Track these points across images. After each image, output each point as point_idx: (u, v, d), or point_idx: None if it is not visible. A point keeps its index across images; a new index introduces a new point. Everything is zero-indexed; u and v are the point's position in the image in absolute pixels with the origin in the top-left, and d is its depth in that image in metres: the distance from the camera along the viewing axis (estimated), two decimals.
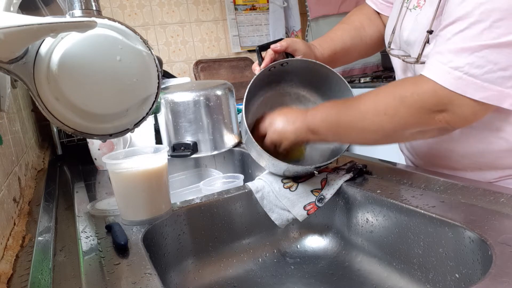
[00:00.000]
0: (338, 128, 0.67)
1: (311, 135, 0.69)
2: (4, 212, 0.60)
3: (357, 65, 2.65)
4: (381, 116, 0.61)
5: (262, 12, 2.57)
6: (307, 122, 0.69)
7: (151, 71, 0.53)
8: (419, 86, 0.58)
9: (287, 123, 0.71)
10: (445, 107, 0.56)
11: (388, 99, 0.61)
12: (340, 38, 0.86)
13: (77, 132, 0.50)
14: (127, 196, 0.64)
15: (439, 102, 0.56)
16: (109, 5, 2.17)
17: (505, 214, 0.51)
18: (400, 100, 0.59)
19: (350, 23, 0.89)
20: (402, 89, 0.60)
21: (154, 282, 0.46)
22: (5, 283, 0.48)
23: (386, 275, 0.62)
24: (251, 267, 0.71)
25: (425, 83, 0.57)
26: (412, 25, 0.68)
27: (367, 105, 0.63)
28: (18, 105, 1.07)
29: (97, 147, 1.09)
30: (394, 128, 0.61)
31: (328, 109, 0.69)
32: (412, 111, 0.58)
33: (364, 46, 0.88)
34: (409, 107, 0.58)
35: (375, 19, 0.88)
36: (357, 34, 0.87)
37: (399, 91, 0.60)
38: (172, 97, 1.07)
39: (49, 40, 0.47)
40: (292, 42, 0.76)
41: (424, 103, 0.57)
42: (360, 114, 0.63)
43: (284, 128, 0.71)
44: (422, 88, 0.57)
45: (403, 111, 0.59)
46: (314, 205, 0.70)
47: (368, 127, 0.63)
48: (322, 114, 0.69)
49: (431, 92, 0.56)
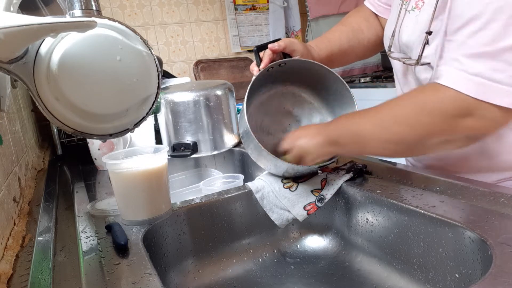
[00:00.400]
0: (360, 139, 0.65)
1: (333, 147, 0.68)
2: (4, 212, 0.60)
3: (357, 65, 2.65)
4: (402, 127, 0.59)
5: (262, 12, 2.57)
6: (328, 135, 0.68)
7: (151, 71, 0.53)
8: (440, 94, 0.56)
9: (309, 139, 0.69)
10: (470, 112, 0.54)
11: (408, 108, 0.60)
12: (338, 39, 0.85)
13: (77, 132, 0.50)
14: (127, 196, 0.64)
15: (463, 108, 0.55)
16: (109, 5, 2.17)
17: (505, 214, 0.51)
18: (421, 109, 0.58)
19: (347, 25, 0.88)
20: (422, 97, 0.59)
21: (154, 282, 0.46)
22: (5, 283, 0.48)
23: (386, 275, 0.62)
24: (251, 267, 0.71)
25: (446, 91, 0.55)
26: (412, 27, 0.67)
27: (387, 115, 0.62)
28: (18, 105, 1.07)
29: (97, 147, 1.09)
30: (417, 138, 0.59)
31: (349, 120, 0.68)
32: (434, 119, 0.57)
33: (362, 48, 0.88)
34: (431, 115, 0.57)
35: (373, 21, 0.88)
36: (355, 36, 0.87)
37: (419, 99, 0.59)
38: (172, 97, 1.07)
39: (49, 40, 0.47)
40: (290, 42, 0.75)
41: (446, 109, 0.56)
42: (381, 125, 0.62)
43: (307, 143, 0.69)
44: (443, 96, 0.56)
45: (424, 120, 0.57)
46: (314, 205, 0.70)
47: (390, 138, 0.62)
48: (343, 126, 0.68)
49: (453, 99, 0.55)
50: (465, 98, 0.54)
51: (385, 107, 0.63)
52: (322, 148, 0.69)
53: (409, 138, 0.60)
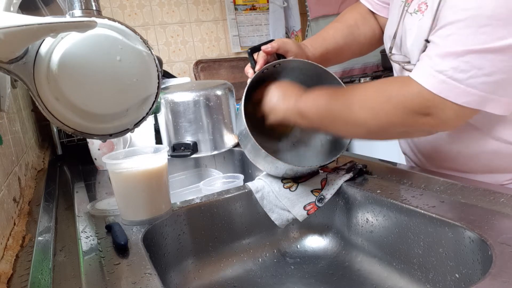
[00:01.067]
0: (326, 116, 0.67)
1: (299, 118, 0.69)
2: (4, 212, 0.59)
3: (357, 65, 2.65)
4: (367, 111, 0.62)
5: (262, 12, 2.57)
6: (298, 104, 0.69)
7: (151, 71, 0.53)
8: (406, 87, 0.58)
9: (281, 99, 0.71)
10: (429, 110, 0.56)
11: (376, 95, 0.62)
12: (332, 37, 0.85)
13: (77, 132, 0.50)
14: (127, 196, 0.64)
15: (424, 104, 0.56)
16: (109, 5, 2.17)
17: (505, 214, 0.51)
18: (387, 98, 0.60)
19: (343, 22, 0.88)
20: (390, 88, 0.61)
21: (154, 282, 0.46)
22: (5, 283, 0.48)
23: (386, 275, 0.62)
24: (251, 267, 0.71)
25: (412, 85, 0.57)
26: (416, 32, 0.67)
27: (355, 98, 0.64)
28: (18, 105, 1.07)
29: (97, 147, 1.09)
30: (378, 125, 0.61)
31: (320, 95, 0.69)
32: (397, 111, 0.59)
33: (358, 45, 0.87)
34: (395, 107, 0.59)
35: (369, 18, 0.87)
36: (350, 33, 0.86)
37: (387, 89, 0.61)
38: (172, 97, 1.07)
39: (49, 40, 0.47)
40: (283, 43, 0.75)
41: (409, 105, 0.58)
42: (347, 106, 0.64)
43: (277, 103, 0.71)
44: (409, 90, 0.58)
45: (388, 109, 0.59)
46: (314, 205, 0.70)
47: (353, 120, 0.63)
48: (314, 99, 0.68)
49: (417, 94, 0.57)
50: (427, 94, 0.56)
51: (355, 91, 0.65)
52: (289, 115, 0.70)
53: (371, 124, 0.62)
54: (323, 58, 0.82)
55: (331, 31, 0.86)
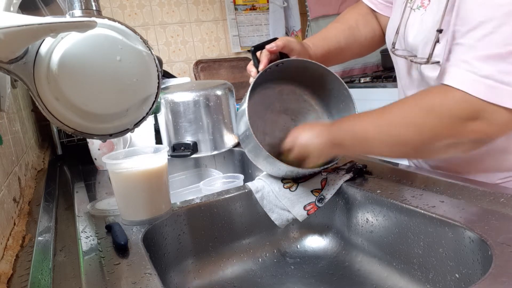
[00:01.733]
0: (364, 141, 0.64)
1: (336, 148, 0.67)
2: (4, 212, 0.59)
3: (357, 65, 2.65)
4: (409, 128, 0.59)
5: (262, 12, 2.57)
6: (331, 135, 0.67)
7: (151, 71, 0.53)
8: (448, 96, 0.56)
9: (312, 138, 0.68)
10: (478, 115, 0.54)
11: (415, 111, 0.59)
12: (334, 37, 0.85)
13: (77, 132, 0.50)
14: (127, 196, 0.64)
15: (472, 111, 0.54)
16: (109, 5, 2.17)
17: (505, 214, 0.51)
18: (428, 111, 0.57)
19: (344, 22, 0.87)
20: (430, 100, 0.58)
21: (154, 282, 0.46)
22: (5, 283, 0.48)
23: (386, 275, 0.62)
24: (251, 267, 0.71)
25: (455, 93, 0.55)
26: (417, 26, 0.66)
27: (393, 118, 0.61)
28: (18, 105, 1.07)
29: (97, 147, 1.09)
30: (423, 141, 0.59)
31: (353, 121, 0.67)
32: (443, 121, 0.56)
33: (358, 46, 0.87)
34: (439, 117, 0.56)
35: (371, 19, 0.87)
36: (351, 34, 0.86)
37: (426, 102, 0.58)
38: (172, 97, 1.07)
39: (49, 40, 0.47)
40: (288, 42, 0.74)
41: (455, 112, 0.55)
42: (386, 127, 0.61)
43: (310, 143, 0.68)
44: (452, 98, 0.55)
45: (432, 122, 0.56)
46: (314, 205, 0.70)
47: (396, 141, 0.61)
48: (348, 127, 0.66)
49: (462, 101, 0.54)
50: (474, 100, 0.53)
51: (391, 109, 0.62)
52: (325, 148, 0.67)
53: (415, 141, 0.59)
54: (324, 58, 0.81)
55: (332, 31, 0.86)
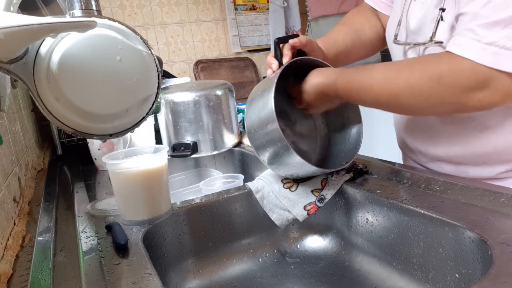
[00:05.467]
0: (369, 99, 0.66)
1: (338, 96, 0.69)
2: (4, 212, 0.59)
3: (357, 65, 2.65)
4: (416, 97, 0.60)
5: (262, 12, 2.57)
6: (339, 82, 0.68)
7: (151, 71, 0.53)
8: (456, 64, 0.56)
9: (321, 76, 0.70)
10: (486, 83, 0.54)
11: (423, 79, 0.59)
12: (342, 40, 0.86)
13: (77, 132, 0.50)
14: (127, 196, 0.64)
15: (479, 80, 0.55)
16: (109, 5, 2.17)
17: (505, 214, 0.51)
18: (437, 80, 0.57)
19: (350, 25, 0.89)
20: (437, 68, 0.58)
21: (154, 282, 0.46)
22: (5, 283, 0.48)
23: (386, 275, 0.62)
24: (251, 267, 0.71)
25: (462, 62, 0.55)
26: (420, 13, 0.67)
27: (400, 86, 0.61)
28: (18, 105, 1.07)
29: (97, 147, 1.09)
30: (430, 106, 0.60)
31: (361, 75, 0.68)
32: (451, 91, 0.57)
33: (364, 48, 0.89)
34: (447, 87, 0.57)
35: (375, 21, 0.89)
36: (358, 37, 0.87)
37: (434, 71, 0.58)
38: (172, 97, 1.07)
39: (49, 40, 0.47)
40: (310, 41, 0.75)
41: (464, 82, 0.56)
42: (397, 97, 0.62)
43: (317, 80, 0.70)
44: (459, 67, 0.56)
45: (440, 91, 0.57)
46: (314, 205, 0.70)
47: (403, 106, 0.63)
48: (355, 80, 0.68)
49: (469, 70, 0.55)
50: (481, 69, 0.54)
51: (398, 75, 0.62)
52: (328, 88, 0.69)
53: (424, 107, 0.61)
54: (333, 61, 0.82)
55: (341, 34, 0.87)
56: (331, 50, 0.83)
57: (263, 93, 0.68)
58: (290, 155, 0.65)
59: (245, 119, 0.72)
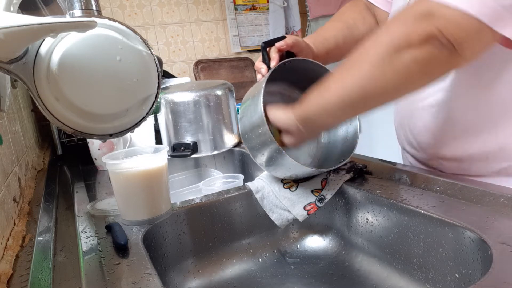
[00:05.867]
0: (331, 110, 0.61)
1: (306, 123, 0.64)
2: (4, 212, 0.60)
3: None
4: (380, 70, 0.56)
5: (262, 12, 2.57)
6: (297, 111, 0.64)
7: (151, 71, 0.53)
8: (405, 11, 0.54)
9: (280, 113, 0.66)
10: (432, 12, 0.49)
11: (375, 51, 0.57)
12: (334, 37, 0.84)
13: (77, 132, 0.51)
14: (127, 196, 0.64)
15: (425, 8, 0.50)
16: (109, 5, 2.17)
17: (505, 214, 0.51)
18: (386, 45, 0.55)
19: (343, 21, 0.87)
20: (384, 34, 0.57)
21: (154, 282, 0.46)
22: (5, 283, 0.48)
23: (386, 275, 0.62)
24: (251, 267, 0.71)
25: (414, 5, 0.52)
26: None
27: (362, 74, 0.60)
28: (18, 105, 1.07)
29: (97, 147, 1.09)
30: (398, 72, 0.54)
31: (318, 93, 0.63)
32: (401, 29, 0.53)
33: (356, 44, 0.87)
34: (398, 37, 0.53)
35: (369, 17, 0.87)
36: (350, 33, 0.85)
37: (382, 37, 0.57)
38: (172, 97, 1.07)
39: (49, 40, 0.47)
40: (297, 41, 0.74)
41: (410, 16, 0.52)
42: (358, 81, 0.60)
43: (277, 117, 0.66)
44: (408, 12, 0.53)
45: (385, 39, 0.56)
46: (314, 205, 0.70)
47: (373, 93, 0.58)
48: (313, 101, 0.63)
49: (417, 4, 0.51)
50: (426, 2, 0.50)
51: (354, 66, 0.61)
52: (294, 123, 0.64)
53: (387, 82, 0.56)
54: (324, 58, 0.81)
55: (332, 31, 0.86)
56: (321, 47, 0.82)
57: (253, 98, 0.68)
58: (283, 158, 0.65)
59: (239, 123, 0.72)
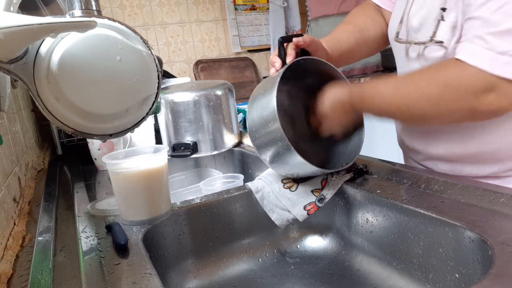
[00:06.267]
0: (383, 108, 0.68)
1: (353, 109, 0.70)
2: (4, 212, 0.60)
3: (357, 65, 2.65)
4: (425, 103, 0.61)
5: (262, 12, 2.57)
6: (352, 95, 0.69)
7: (151, 71, 0.53)
8: (463, 71, 0.57)
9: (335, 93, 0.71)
10: (493, 88, 0.55)
11: (432, 85, 0.60)
12: (346, 40, 0.86)
13: (77, 132, 0.51)
14: (127, 196, 0.64)
15: (486, 84, 0.55)
16: (109, 5, 2.17)
17: (505, 214, 0.51)
18: (444, 86, 0.58)
19: (354, 24, 0.88)
20: (445, 74, 0.59)
21: (154, 282, 0.46)
22: (5, 283, 0.48)
23: (386, 275, 0.62)
24: (251, 267, 0.71)
25: (470, 69, 0.56)
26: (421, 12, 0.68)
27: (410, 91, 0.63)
28: (18, 105, 1.07)
29: (97, 147, 1.09)
30: (440, 113, 0.61)
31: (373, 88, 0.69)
32: (458, 95, 0.58)
33: (367, 47, 0.88)
34: (454, 92, 0.58)
35: (379, 20, 0.89)
36: (361, 36, 0.87)
37: (442, 77, 0.59)
38: (172, 97, 1.07)
39: (49, 40, 0.47)
40: (314, 40, 0.75)
41: (471, 87, 0.56)
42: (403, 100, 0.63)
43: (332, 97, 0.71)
44: (467, 73, 0.56)
45: (448, 96, 0.58)
46: (314, 205, 0.70)
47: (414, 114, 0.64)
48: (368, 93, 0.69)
49: (477, 76, 0.55)
50: (489, 76, 0.55)
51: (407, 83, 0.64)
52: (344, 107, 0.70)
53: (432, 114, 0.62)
54: (337, 60, 0.82)
55: (344, 34, 0.87)
56: (335, 50, 0.83)
57: (266, 92, 0.68)
58: (291, 155, 0.65)
59: (247, 118, 0.72)
